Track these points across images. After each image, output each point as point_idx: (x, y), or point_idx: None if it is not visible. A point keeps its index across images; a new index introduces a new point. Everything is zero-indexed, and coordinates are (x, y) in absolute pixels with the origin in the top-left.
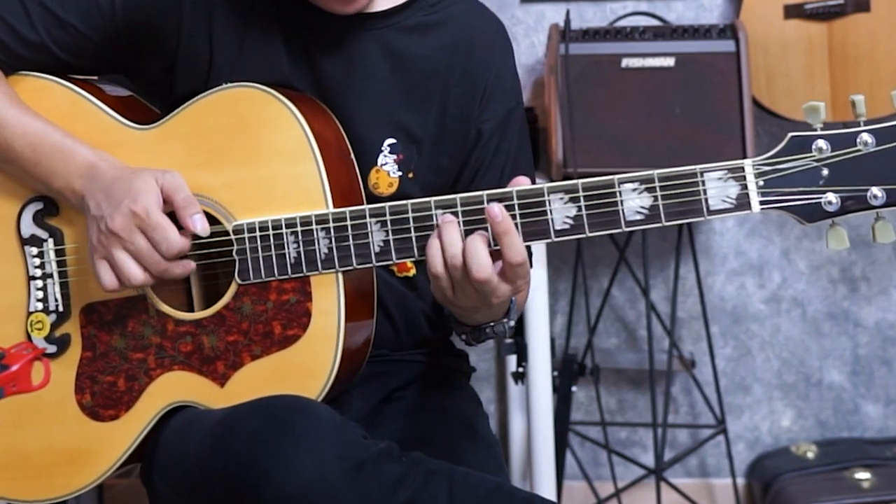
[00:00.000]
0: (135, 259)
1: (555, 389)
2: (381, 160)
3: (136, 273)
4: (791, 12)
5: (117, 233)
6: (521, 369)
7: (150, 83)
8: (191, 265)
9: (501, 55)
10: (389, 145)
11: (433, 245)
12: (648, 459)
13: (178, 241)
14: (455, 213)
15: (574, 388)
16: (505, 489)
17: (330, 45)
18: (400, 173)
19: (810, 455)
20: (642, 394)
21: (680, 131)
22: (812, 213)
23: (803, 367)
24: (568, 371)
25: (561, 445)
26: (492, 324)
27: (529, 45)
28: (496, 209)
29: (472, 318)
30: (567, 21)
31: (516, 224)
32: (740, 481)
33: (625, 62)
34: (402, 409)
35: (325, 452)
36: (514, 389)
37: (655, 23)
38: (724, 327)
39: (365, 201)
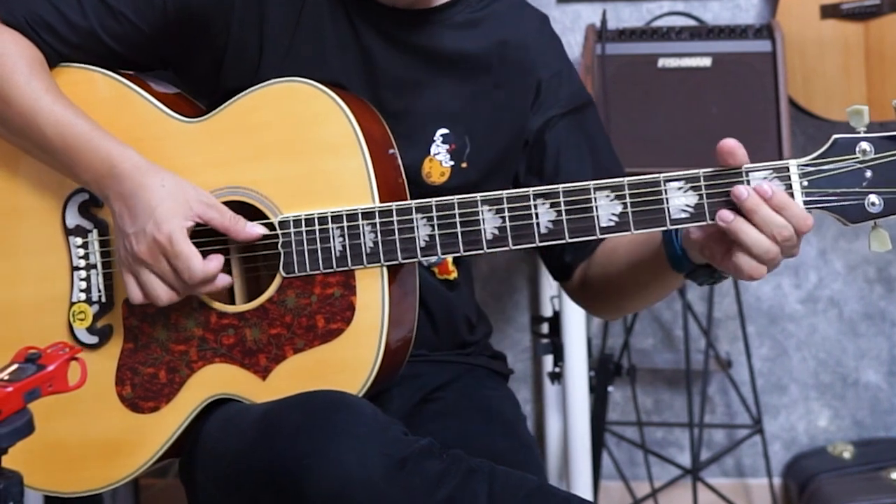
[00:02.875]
0: (161, 280)
1: (591, 389)
2: (433, 150)
3: (162, 294)
4: (827, 12)
5: (142, 259)
6: (557, 369)
7: (199, 78)
8: (221, 283)
9: (550, 47)
10: (442, 135)
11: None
12: (685, 459)
13: (199, 271)
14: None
15: (610, 388)
16: (545, 489)
17: (384, 38)
18: (452, 163)
19: (847, 455)
20: (679, 394)
21: (716, 131)
22: (855, 214)
23: (840, 367)
24: (604, 371)
25: (597, 445)
26: None
27: (566, 45)
28: (742, 189)
29: None
30: (603, 21)
31: (561, 220)
32: (777, 481)
33: (661, 62)
34: (440, 409)
35: (368, 448)
36: (550, 389)
37: (692, 23)
38: (761, 327)
39: (409, 197)
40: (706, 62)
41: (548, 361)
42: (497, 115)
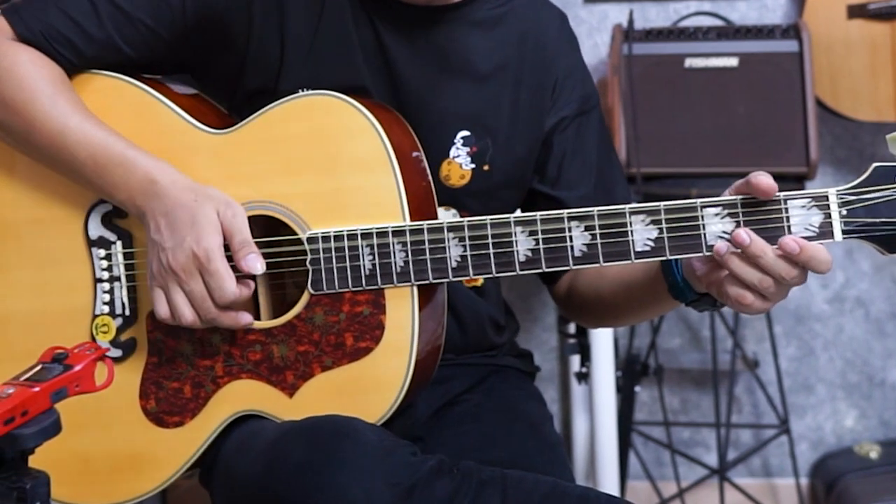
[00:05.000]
0: (189, 301)
1: (618, 389)
2: (453, 152)
3: (187, 314)
4: (854, 12)
5: (177, 272)
6: (584, 369)
7: (218, 81)
8: (244, 320)
9: (569, 45)
10: (463, 137)
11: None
12: (712, 459)
13: (231, 292)
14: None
15: (637, 388)
16: (560, 489)
17: (403, 37)
18: (473, 165)
19: (874, 455)
20: (705, 394)
21: (743, 131)
22: (894, 245)
23: (866, 367)
24: (631, 371)
25: (624, 445)
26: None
27: (593, 45)
28: (743, 234)
29: None
30: (630, 21)
31: (595, 244)
32: (804, 481)
33: (688, 62)
34: (466, 411)
35: (375, 480)
36: (577, 389)
37: (719, 23)
38: (788, 327)
39: (437, 208)
40: (733, 62)
41: (575, 361)
42: (519, 114)
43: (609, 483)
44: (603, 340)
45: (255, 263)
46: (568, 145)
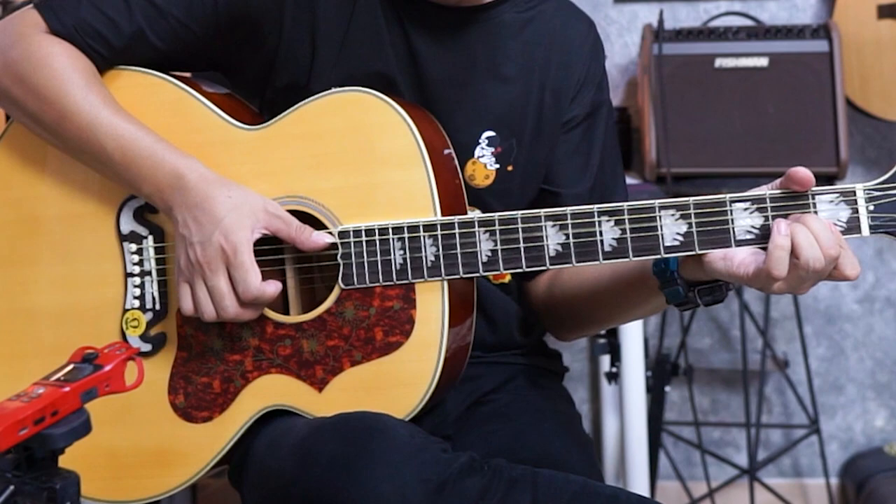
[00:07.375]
0: (211, 297)
1: (648, 389)
2: (478, 152)
3: (210, 311)
4: (884, 12)
5: (204, 267)
6: (614, 369)
7: (249, 77)
8: (255, 314)
9: (594, 51)
10: (488, 138)
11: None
12: (742, 459)
13: (255, 286)
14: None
15: (667, 388)
16: (589, 489)
17: (432, 37)
18: (497, 166)
19: None
20: (735, 394)
21: (773, 131)
22: None
23: None
24: (661, 371)
25: (654, 445)
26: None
27: (623, 45)
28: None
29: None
30: (660, 21)
31: (625, 238)
32: (834, 481)
33: (718, 62)
34: (494, 410)
35: (406, 476)
36: (607, 389)
37: (749, 23)
38: (818, 327)
39: (466, 198)
40: (763, 62)
41: (605, 361)
42: (542, 117)
43: (639, 483)
44: (633, 340)
45: (322, 237)
46: (572, 145)
